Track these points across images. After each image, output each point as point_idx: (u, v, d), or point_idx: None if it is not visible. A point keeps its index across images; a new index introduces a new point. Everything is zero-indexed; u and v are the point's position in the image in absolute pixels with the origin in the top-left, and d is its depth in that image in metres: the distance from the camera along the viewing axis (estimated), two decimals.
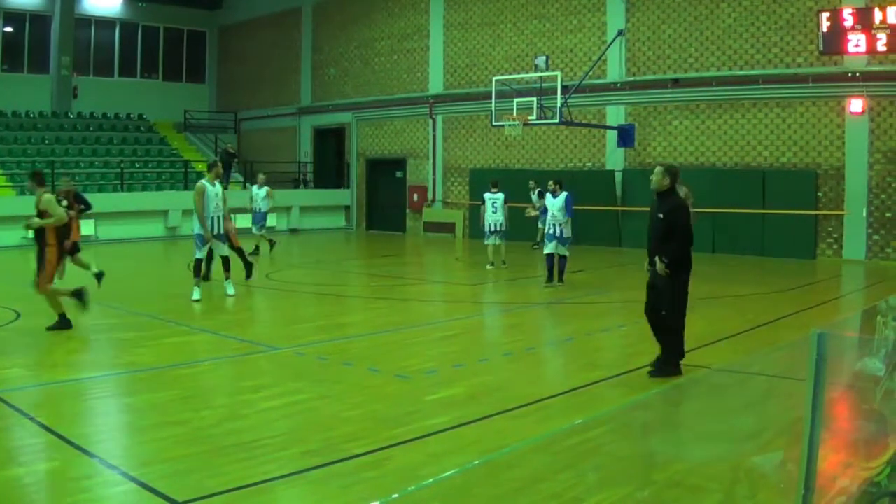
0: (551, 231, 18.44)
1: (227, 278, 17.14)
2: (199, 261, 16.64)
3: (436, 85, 34.72)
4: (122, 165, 35.39)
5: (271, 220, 28.50)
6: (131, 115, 41.09)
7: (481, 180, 30.22)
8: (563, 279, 18.57)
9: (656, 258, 10.07)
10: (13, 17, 39.54)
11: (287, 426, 8.26)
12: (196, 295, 16.38)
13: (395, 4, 36.18)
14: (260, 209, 25.82)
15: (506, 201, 21.69)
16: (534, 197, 26.67)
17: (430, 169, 34.95)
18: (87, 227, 30.62)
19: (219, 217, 16.59)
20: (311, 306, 17.25)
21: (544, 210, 26.25)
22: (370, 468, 7.07)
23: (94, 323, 14.35)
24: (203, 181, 16.58)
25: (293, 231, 36.18)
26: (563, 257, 18.49)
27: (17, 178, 32.76)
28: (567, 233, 18.36)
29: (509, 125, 27.23)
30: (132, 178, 35.38)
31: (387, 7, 36.46)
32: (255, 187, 26.36)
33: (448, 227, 33.98)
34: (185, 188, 35.26)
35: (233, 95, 45.03)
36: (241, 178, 38.49)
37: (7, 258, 25.90)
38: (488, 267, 21.96)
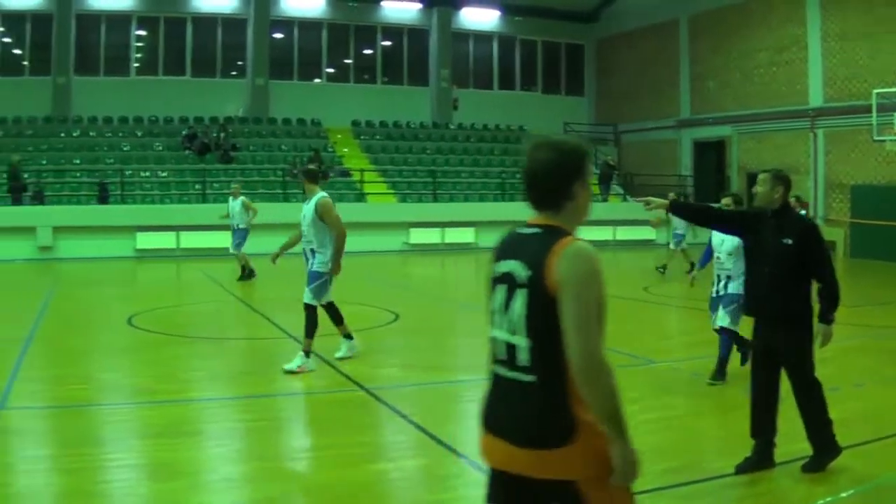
0: (714, 287, 10.82)
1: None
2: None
3: (815, 97, 33.24)
4: (503, 176, 36.39)
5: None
6: (511, 127, 42.29)
7: (864, 197, 29.42)
8: (723, 374, 10.57)
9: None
10: (391, 31, 42.15)
11: (656, 441, 8.07)
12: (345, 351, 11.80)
13: (772, 16, 34.98)
14: (238, 225, 21.85)
15: None
16: None
17: (811, 184, 33.44)
18: (465, 235, 31.99)
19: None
20: (687, 320, 16.91)
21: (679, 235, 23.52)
22: (737, 488, 6.86)
23: (472, 328, 14.79)
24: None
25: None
26: (727, 333, 10.51)
27: (399, 186, 34.61)
28: (735, 287, 10.18)
29: (891, 140, 25.73)
30: (513, 189, 36.28)
31: (764, 18, 35.32)
32: (230, 199, 22.48)
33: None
34: None
35: (611, 107, 45.20)
36: (621, 191, 38.57)
37: (387, 262, 27.26)
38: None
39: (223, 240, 25.82)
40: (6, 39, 36.59)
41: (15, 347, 12.25)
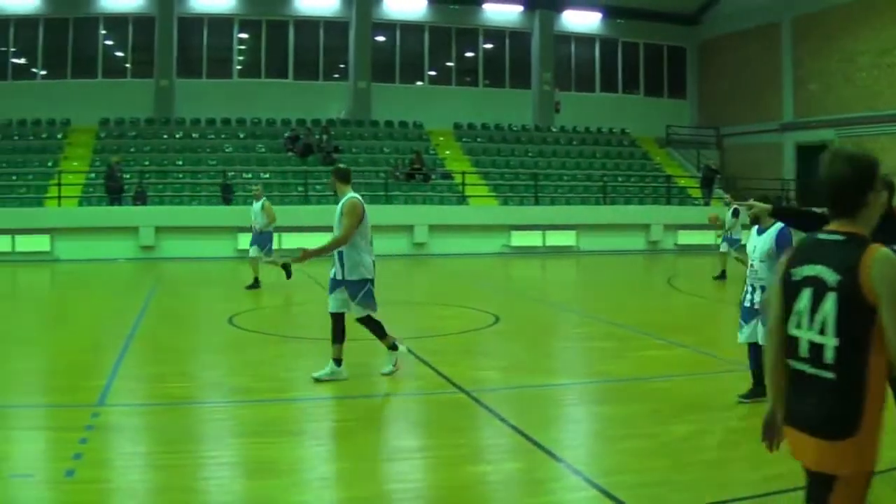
0: (748, 297, 9.39)
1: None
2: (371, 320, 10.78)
3: None
4: (605, 179, 36.19)
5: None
6: (613, 130, 42.08)
7: None
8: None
9: None
10: (492, 34, 42.42)
11: (753, 449, 7.87)
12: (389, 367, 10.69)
13: (875, 18, 34.35)
14: (259, 229, 20.52)
15: None
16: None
17: None
18: (566, 238, 32.01)
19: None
20: None
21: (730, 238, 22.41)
22: None
23: (572, 332, 14.72)
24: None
25: None
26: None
27: (500, 189, 34.62)
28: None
29: None
30: (615, 192, 36.11)
31: (867, 21, 34.68)
32: (253, 201, 21.29)
33: None
34: (667, 203, 35.58)
35: (714, 110, 44.69)
36: (723, 195, 38.03)
37: (488, 264, 27.24)
38: None
39: (323, 241, 26.03)
40: (108, 42, 37.53)
41: (116, 345, 12.53)
